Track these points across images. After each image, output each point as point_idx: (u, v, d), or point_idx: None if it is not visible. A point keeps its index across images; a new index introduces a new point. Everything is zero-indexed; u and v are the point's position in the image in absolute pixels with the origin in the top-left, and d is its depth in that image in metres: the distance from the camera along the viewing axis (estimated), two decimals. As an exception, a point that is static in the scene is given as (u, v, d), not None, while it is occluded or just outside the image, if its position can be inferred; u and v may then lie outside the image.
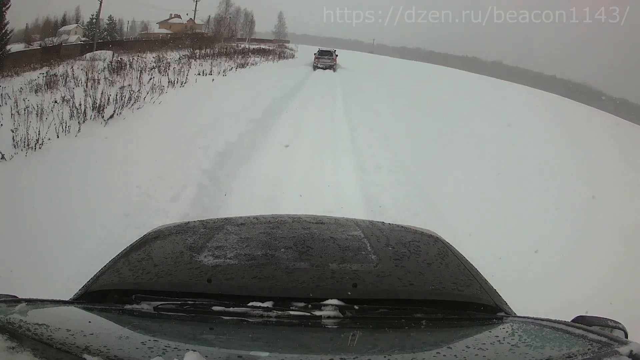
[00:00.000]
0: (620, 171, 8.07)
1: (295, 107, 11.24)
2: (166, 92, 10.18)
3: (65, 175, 4.95)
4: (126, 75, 11.34)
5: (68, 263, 3.22)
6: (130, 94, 8.53)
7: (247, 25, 31.08)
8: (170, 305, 1.21)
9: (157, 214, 4.28)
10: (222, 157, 6.30)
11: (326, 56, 23.09)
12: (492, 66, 26.03)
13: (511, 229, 4.62)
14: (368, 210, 4.87)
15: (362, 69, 22.39)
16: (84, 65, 13.72)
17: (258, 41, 29.96)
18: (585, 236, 4.72)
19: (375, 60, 27.50)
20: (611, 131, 12.88)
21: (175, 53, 18.46)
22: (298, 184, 5.62)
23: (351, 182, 5.87)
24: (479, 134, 9.44)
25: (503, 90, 19.19)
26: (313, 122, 9.67)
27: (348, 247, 1.55)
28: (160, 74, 12.08)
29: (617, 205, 6.02)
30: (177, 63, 15.43)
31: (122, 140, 6.54)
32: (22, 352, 0.79)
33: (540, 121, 12.05)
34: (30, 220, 3.85)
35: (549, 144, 9.25)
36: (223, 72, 15.16)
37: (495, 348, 1.02)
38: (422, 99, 13.76)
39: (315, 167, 6.50)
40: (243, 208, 4.63)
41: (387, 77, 19.71)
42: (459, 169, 6.70)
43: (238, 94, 11.45)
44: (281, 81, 15.08)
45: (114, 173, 5.18)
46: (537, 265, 3.77)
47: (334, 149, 7.59)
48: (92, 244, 3.55)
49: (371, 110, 11.68)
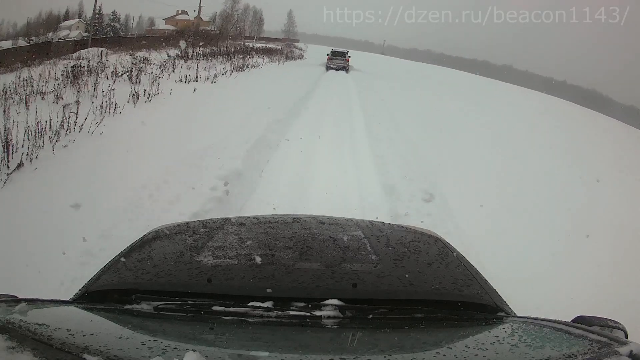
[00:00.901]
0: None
1: (297, 142, 7.32)
2: (120, 112, 7.19)
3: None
4: (82, 85, 8.45)
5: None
6: (63, 121, 5.73)
7: (255, 24, 30.47)
8: (170, 305, 1.21)
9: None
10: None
11: (339, 57, 22.84)
12: (502, 70, 26.09)
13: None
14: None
15: (378, 73, 21.12)
16: (65, 66, 10.85)
17: (266, 40, 29.17)
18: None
19: (387, 63, 26.33)
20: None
21: (167, 52, 16.17)
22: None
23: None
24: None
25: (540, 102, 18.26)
26: (326, 167, 6.15)
27: (348, 247, 1.55)
28: (131, 82, 9.35)
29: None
30: (163, 65, 12.86)
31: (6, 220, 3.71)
32: (22, 352, 0.79)
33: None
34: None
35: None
36: (213, 78, 12.24)
37: (495, 348, 1.02)
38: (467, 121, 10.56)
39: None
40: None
41: (408, 83, 17.79)
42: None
43: (222, 114, 8.09)
44: (285, 90, 12.01)
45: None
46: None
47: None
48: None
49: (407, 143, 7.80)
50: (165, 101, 8.69)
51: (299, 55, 25.71)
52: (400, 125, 9.51)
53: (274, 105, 9.41)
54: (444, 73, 25.25)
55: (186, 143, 6.11)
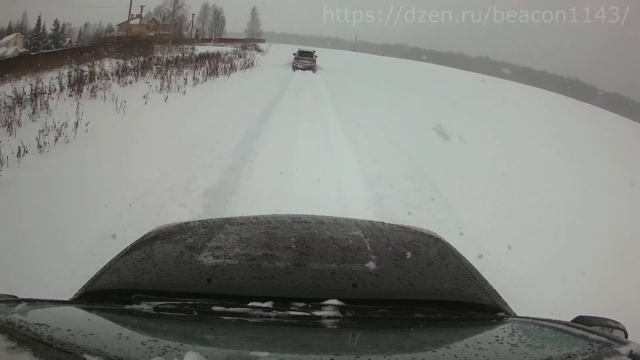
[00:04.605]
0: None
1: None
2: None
3: None
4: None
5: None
6: None
7: (215, 24, 26.90)
8: (170, 305, 1.21)
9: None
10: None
11: (306, 57, 22.46)
12: (501, 66, 26.07)
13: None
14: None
15: (352, 72, 19.86)
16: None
17: (226, 41, 26.22)
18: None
19: (363, 61, 24.86)
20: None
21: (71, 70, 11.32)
22: None
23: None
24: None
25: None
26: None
27: (348, 247, 1.55)
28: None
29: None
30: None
31: None
32: (22, 352, 0.79)
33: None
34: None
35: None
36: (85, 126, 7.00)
37: (495, 348, 1.02)
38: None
39: None
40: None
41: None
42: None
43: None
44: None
45: None
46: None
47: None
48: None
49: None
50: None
51: (249, 62, 20.11)
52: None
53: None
54: (445, 73, 25.00)
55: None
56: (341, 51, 27.77)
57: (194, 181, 5.63)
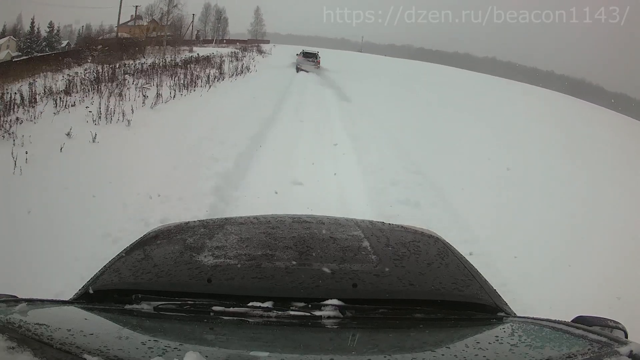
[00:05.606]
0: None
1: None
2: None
3: None
4: None
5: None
6: None
7: (217, 24, 26.04)
8: (170, 305, 1.21)
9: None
10: None
11: (310, 59, 21.65)
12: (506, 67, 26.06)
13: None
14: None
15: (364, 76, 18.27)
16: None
17: (228, 42, 25.32)
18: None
19: (372, 63, 23.98)
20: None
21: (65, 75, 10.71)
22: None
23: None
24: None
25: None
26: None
27: (348, 247, 1.55)
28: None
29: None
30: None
31: None
32: (22, 352, 0.79)
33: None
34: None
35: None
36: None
37: (495, 348, 1.02)
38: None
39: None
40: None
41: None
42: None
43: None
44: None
45: None
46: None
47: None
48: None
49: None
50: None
51: (246, 67, 17.22)
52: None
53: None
54: (445, 73, 24.77)
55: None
56: (347, 52, 27.02)
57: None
